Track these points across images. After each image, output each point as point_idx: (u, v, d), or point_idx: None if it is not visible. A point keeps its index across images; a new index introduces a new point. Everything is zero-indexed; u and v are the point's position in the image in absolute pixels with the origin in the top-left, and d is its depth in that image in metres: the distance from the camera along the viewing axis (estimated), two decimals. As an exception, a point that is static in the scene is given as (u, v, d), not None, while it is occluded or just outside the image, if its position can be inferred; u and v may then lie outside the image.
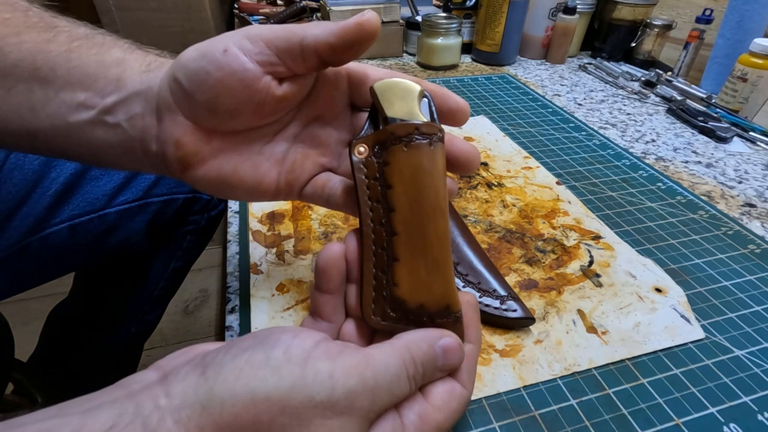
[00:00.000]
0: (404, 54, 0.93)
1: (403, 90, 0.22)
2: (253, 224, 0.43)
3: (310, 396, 0.15)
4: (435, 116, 0.23)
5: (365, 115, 0.25)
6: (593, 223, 0.45)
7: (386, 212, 0.21)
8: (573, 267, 0.40)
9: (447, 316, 0.21)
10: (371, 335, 0.23)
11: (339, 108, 0.26)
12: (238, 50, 0.20)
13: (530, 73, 0.87)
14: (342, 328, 0.23)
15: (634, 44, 0.88)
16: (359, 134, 0.23)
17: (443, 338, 0.20)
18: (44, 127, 0.22)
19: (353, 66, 0.24)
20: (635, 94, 0.78)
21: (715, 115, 0.68)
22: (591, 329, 0.34)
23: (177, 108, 0.21)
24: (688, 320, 0.35)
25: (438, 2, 1.11)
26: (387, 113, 0.22)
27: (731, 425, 0.28)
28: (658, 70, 0.81)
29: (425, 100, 0.23)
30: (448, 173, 0.23)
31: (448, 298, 0.21)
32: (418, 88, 0.22)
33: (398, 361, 0.18)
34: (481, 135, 0.62)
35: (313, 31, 0.21)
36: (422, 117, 0.22)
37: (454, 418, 0.20)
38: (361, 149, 0.22)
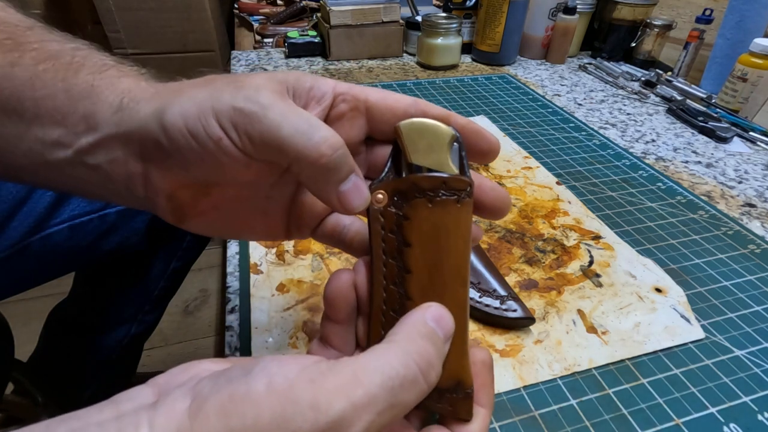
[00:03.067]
0: (404, 54, 0.93)
1: (432, 134, 0.20)
2: (253, 224, 0.43)
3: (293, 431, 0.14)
4: (465, 164, 0.20)
5: (382, 149, 0.23)
6: (593, 223, 0.45)
7: (401, 272, 0.19)
8: (573, 267, 0.40)
9: (456, 392, 0.19)
10: None
11: (352, 145, 0.22)
12: (231, 144, 0.18)
13: (530, 73, 0.87)
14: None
15: (634, 44, 0.88)
16: (379, 177, 0.20)
17: (427, 310, 0.17)
18: (24, 164, 0.20)
19: (374, 97, 0.21)
20: (635, 94, 0.78)
21: (715, 115, 0.68)
22: (591, 329, 0.34)
23: (168, 165, 0.19)
24: (688, 320, 0.35)
25: (438, 2, 1.11)
26: (412, 159, 0.19)
27: (731, 425, 0.28)
28: (658, 70, 0.81)
29: (456, 145, 0.20)
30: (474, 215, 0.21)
31: (460, 374, 0.19)
32: (450, 133, 0.20)
33: (402, 359, 0.15)
34: (481, 135, 0.62)
35: (300, 157, 0.17)
36: (452, 168, 0.19)
37: None
38: (380, 196, 0.20)
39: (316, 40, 0.88)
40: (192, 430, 0.14)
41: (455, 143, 0.20)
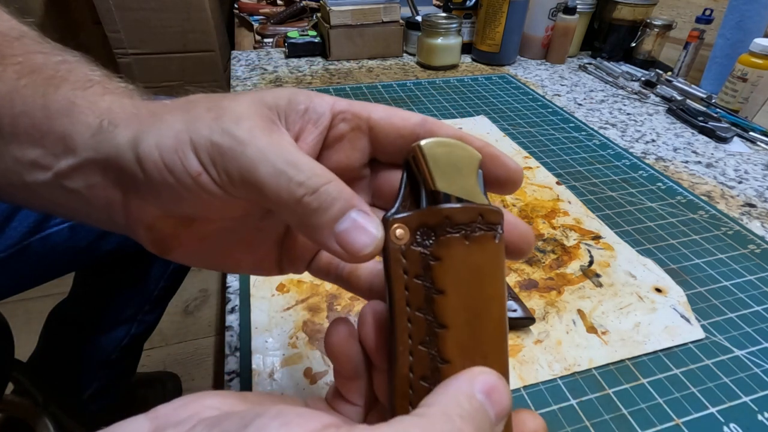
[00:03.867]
0: (404, 54, 0.93)
1: (460, 157, 0.17)
2: (253, 224, 0.43)
3: None
4: (485, 193, 0.17)
5: (390, 174, 0.20)
6: (593, 223, 0.45)
7: (432, 327, 0.15)
8: (573, 267, 0.40)
9: None
10: None
11: (355, 169, 0.20)
12: (210, 180, 0.16)
13: (530, 73, 0.87)
14: (372, 412, 0.18)
15: (634, 44, 0.88)
16: (393, 207, 0.17)
17: (476, 378, 0.14)
18: (2, 185, 0.18)
19: (377, 115, 0.18)
20: (635, 94, 0.78)
21: (715, 115, 0.68)
22: (591, 329, 0.34)
23: (147, 196, 0.17)
24: (688, 320, 0.35)
25: (438, 2, 1.11)
26: (438, 186, 0.16)
27: (731, 425, 0.28)
28: (658, 70, 0.81)
29: (480, 172, 0.17)
30: None
31: None
32: (478, 156, 0.17)
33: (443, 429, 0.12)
34: (481, 135, 0.62)
35: (281, 200, 0.15)
36: (482, 197, 0.16)
37: None
38: (400, 231, 0.15)
39: (316, 40, 0.88)
40: None
41: (480, 169, 0.17)
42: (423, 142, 0.16)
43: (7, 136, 0.17)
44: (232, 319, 0.34)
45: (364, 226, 0.15)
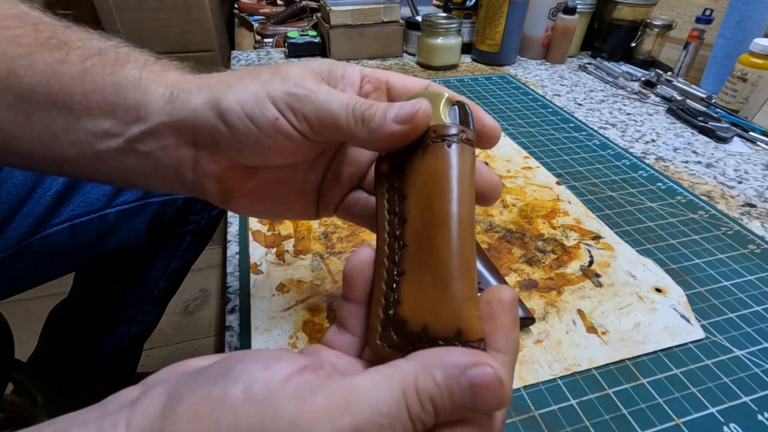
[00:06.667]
0: (404, 54, 0.93)
1: (431, 95, 0.21)
2: (253, 224, 0.43)
3: None
4: (470, 122, 0.21)
5: None
6: (593, 223, 0.45)
7: (400, 223, 0.19)
8: (573, 267, 0.40)
9: (454, 343, 0.16)
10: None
11: None
12: (287, 124, 0.20)
13: (530, 73, 0.87)
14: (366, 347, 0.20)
15: (634, 44, 0.88)
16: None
17: (475, 367, 0.14)
18: (71, 155, 0.21)
19: (394, 79, 0.24)
20: (635, 94, 0.78)
21: (715, 115, 0.68)
22: (591, 329, 0.34)
23: (220, 149, 0.21)
24: (688, 320, 0.35)
25: (438, 2, 1.11)
26: None
27: (731, 425, 0.28)
28: (658, 70, 0.81)
29: (455, 107, 0.21)
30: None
31: (460, 322, 0.16)
32: (444, 95, 0.21)
33: (395, 396, 0.14)
34: (481, 135, 0.62)
35: (358, 133, 0.20)
36: (444, 120, 0.20)
37: None
38: (385, 166, 0.21)
39: (316, 40, 0.88)
40: (163, 431, 0.13)
41: (455, 105, 0.21)
42: (410, 96, 0.21)
43: (80, 110, 0.20)
44: (232, 319, 0.34)
45: (406, 105, 0.19)
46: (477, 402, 0.14)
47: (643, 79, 0.82)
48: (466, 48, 0.92)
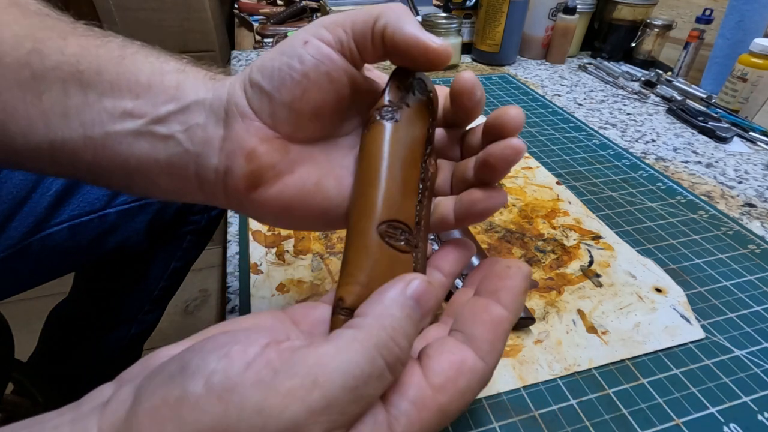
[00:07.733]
0: (404, 54, 0.93)
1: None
2: (253, 224, 0.43)
3: None
4: (416, 91, 0.22)
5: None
6: (593, 223, 0.45)
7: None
8: (573, 267, 0.40)
9: (336, 311, 0.18)
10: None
11: None
12: (318, 41, 0.19)
13: (530, 73, 0.87)
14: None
15: (634, 44, 0.88)
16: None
17: (409, 285, 0.16)
18: (73, 138, 0.19)
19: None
20: (635, 94, 0.78)
21: (715, 115, 0.68)
22: (591, 329, 0.34)
23: (253, 114, 0.20)
24: (688, 320, 0.35)
25: (438, 2, 1.11)
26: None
27: (731, 425, 0.28)
28: (658, 70, 0.81)
29: (414, 81, 0.22)
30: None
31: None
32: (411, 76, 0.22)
33: (366, 354, 0.14)
34: (481, 135, 0.62)
35: (391, 22, 0.19)
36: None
37: (464, 400, 0.16)
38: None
39: (316, 40, 0.88)
40: None
41: (414, 80, 0.22)
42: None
43: (105, 88, 0.19)
44: (232, 319, 0.34)
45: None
46: (424, 310, 0.17)
47: (643, 79, 0.82)
48: (466, 48, 0.92)
